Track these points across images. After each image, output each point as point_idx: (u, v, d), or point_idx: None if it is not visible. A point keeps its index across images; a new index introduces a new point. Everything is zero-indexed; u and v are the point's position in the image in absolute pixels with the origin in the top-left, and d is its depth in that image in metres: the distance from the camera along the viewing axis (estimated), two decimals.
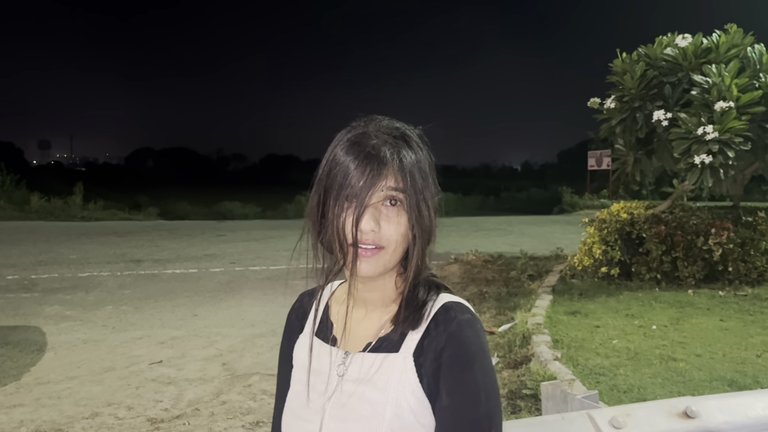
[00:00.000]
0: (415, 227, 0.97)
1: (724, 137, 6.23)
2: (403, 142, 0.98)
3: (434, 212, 1.00)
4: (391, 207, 0.96)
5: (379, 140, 0.96)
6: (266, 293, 7.96)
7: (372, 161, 0.94)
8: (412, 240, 0.97)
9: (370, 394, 0.97)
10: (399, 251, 0.98)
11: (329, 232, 0.98)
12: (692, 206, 8.23)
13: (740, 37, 6.98)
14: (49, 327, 6.30)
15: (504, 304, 6.68)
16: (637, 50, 7.44)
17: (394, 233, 0.96)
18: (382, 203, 0.96)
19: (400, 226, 0.96)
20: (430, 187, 1.00)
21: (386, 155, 0.95)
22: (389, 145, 0.96)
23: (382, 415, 0.95)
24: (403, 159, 0.96)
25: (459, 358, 0.94)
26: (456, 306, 0.99)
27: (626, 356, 4.71)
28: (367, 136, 0.97)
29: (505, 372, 4.57)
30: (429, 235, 1.00)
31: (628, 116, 7.29)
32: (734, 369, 4.40)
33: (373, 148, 0.95)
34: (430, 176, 1.01)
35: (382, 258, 0.97)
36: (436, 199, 1.01)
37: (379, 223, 0.95)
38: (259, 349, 5.54)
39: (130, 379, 4.77)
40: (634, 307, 6.27)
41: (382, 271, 0.98)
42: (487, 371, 0.94)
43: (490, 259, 9.53)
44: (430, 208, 0.99)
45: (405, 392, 0.95)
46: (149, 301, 7.51)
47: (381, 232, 0.95)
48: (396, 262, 0.99)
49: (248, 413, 4.10)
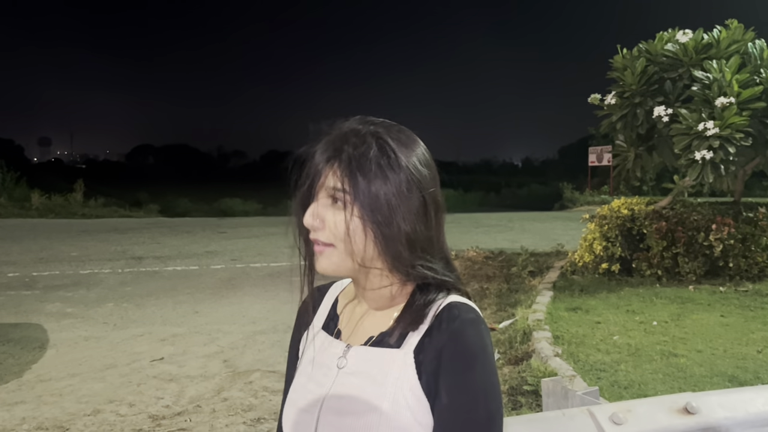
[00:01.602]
0: (368, 227, 0.95)
1: (724, 133, 6.23)
2: (359, 140, 0.96)
3: (403, 214, 0.96)
4: (334, 204, 0.97)
5: (331, 138, 0.98)
6: (267, 290, 7.97)
7: (323, 156, 0.97)
8: (368, 238, 0.96)
9: (367, 388, 0.97)
10: (348, 250, 0.96)
11: (295, 225, 1.03)
12: (693, 202, 8.22)
13: (741, 33, 6.97)
14: (51, 324, 6.31)
15: (505, 300, 6.68)
16: (638, 46, 7.43)
17: (337, 230, 0.96)
18: (328, 200, 0.97)
19: (341, 224, 0.95)
20: (401, 186, 0.96)
21: (331, 154, 0.96)
22: (333, 148, 0.96)
23: (379, 409, 0.94)
24: (352, 158, 0.95)
25: (460, 357, 0.93)
26: (461, 306, 0.98)
27: (627, 352, 4.72)
28: (325, 134, 1.00)
29: (505, 368, 4.58)
30: (396, 231, 0.95)
31: (628, 112, 7.28)
32: (735, 365, 4.40)
33: (328, 144, 0.97)
34: (393, 181, 0.96)
35: (333, 256, 0.98)
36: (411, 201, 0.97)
37: (324, 220, 0.97)
38: (260, 345, 5.55)
39: (132, 376, 4.79)
40: (635, 303, 6.27)
41: (338, 270, 0.99)
42: (488, 372, 0.94)
43: (490, 255, 9.54)
44: (394, 208, 0.95)
45: (403, 388, 0.95)
46: (150, 298, 7.52)
47: (326, 228, 0.97)
48: (351, 261, 0.98)
49: (249, 410, 4.11)
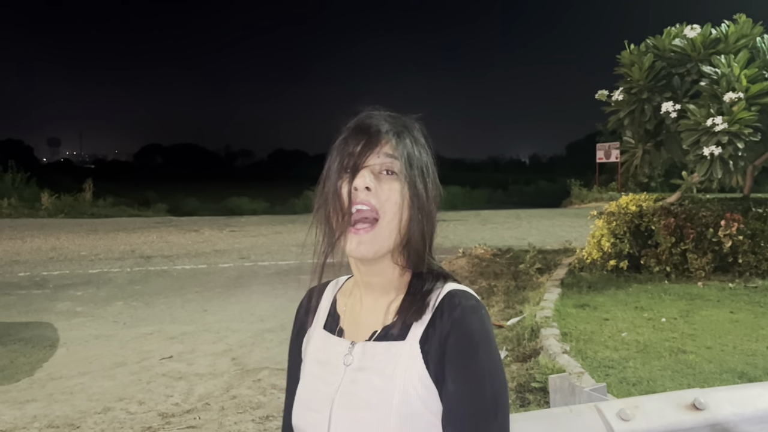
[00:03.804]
0: (411, 200, 0.98)
1: (733, 128, 6.19)
2: (402, 126, 1.02)
3: (434, 200, 1.02)
4: (388, 176, 0.98)
5: (377, 119, 1.01)
6: (275, 288, 7.99)
7: (370, 132, 0.99)
8: (410, 217, 0.99)
9: (377, 382, 0.98)
10: (394, 225, 0.97)
11: (330, 201, 1.00)
12: (702, 198, 8.18)
13: (749, 27, 6.91)
14: (61, 323, 6.36)
15: (512, 297, 6.67)
16: (645, 41, 7.38)
17: (389, 199, 0.97)
18: (379, 170, 0.98)
19: (395, 194, 0.97)
20: (430, 174, 1.02)
21: (383, 129, 0.99)
22: (389, 123, 1.00)
23: (390, 402, 0.96)
24: (401, 135, 1.00)
25: (463, 344, 0.95)
26: (460, 293, 1.00)
27: (635, 349, 4.70)
28: (368, 116, 1.02)
29: (514, 365, 4.58)
30: (428, 218, 1.01)
31: (636, 108, 7.24)
32: (745, 361, 4.38)
33: (371, 124, 1.00)
34: (430, 166, 1.03)
35: (377, 235, 0.97)
36: (436, 191, 1.03)
37: (374, 186, 0.97)
38: (269, 343, 5.57)
39: (141, 374, 4.82)
40: (644, 299, 6.25)
41: (378, 251, 0.98)
42: (491, 357, 0.96)
43: (498, 252, 9.51)
44: (429, 191, 1.01)
45: (412, 379, 0.96)
46: (159, 297, 7.56)
47: (376, 194, 0.97)
48: (392, 240, 0.98)
49: (258, 407, 4.13)
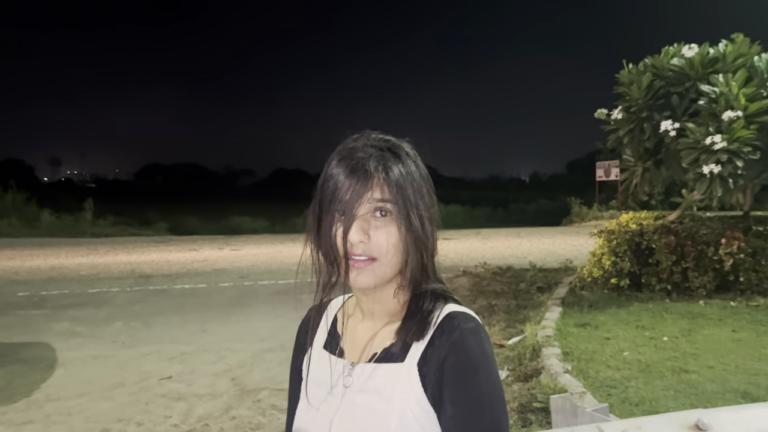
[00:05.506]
0: (407, 237, 0.98)
1: (732, 147, 6.21)
2: (390, 154, 1.00)
3: (431, 222, 1.01)
4: (381, 218, 0.98)
5: (365, 153, 0.99)
6: (275, 308, 7.96)
7: (359, 174, 0.97)
8: (406, 250, 0.98)
9: (375, 404, 0.98)
10: (394, 262, 0.98)
11: (323, 244, 1.00)
12: (702, 216, 8.19)
13: (747, 47, 6.98)
14: (60, 343, 6.32)
15: (513, 316, 6.65)
16: (644, 61, 7.45)
17: (385, 243, 0.97)
18: (371, 214, 0.98)
19: (391, 236, 0.97)
20: (424, 197, 1.01)
21: (371, 168, 0.98)
22: (375, 158, 0.99)
23: (388, 425, 0.95)
24: (390, 170, 0.98)
25: (462, 366, 0.94)
26: (460, 315, 0.99)
27: (637, 368, 4.67)
28: (355, 150, 1.00)
29: (515, 385, 4.54)
30: (426, 244, 1.01)
31: (635, 127, 7.29)
32: (747, 380, 4.35)
33: (360, 161, 0.98)
34: (424, 187, 1.02)
35: (376, 269, 0.98)
36: (433, 210, 1.03)
37: (369, 234, 0.97)
38: (269, 363, 5.54)
39: (140, 395, 4.78)
40: (645, 318, 6.22)
41: (378, 282, 0.99)
42: (491, 379, 0.95)
43: (498, 271, 9.50)
44: (424, 218, 1.00)
45: (410, 402, 0.96)
46: (159, 317, 7.53)
47: (371, 243, 0.97)
48: (392, 273, 1.00)
49: (258, 428, 4.09)
